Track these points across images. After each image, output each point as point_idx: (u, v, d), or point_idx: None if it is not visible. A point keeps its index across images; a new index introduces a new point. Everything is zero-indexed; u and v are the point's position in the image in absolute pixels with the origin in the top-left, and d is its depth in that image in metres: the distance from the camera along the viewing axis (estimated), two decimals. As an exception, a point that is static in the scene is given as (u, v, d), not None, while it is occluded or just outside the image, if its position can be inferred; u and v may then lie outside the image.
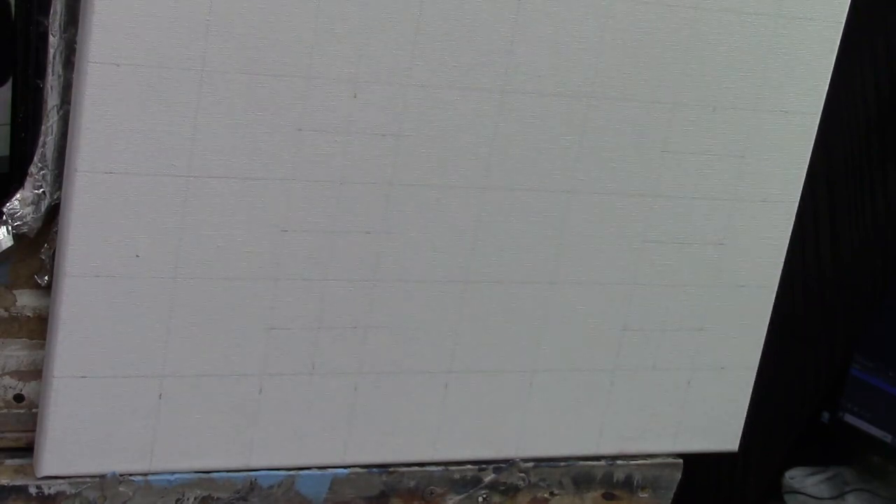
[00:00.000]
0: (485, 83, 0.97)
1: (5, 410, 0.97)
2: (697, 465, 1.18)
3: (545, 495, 1.13)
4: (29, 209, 0.91)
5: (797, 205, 1.12)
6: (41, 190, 0.91)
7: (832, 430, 1.44)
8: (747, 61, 1.05)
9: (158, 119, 0.89)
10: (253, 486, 1.01)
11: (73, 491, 0.96)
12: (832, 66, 1.08)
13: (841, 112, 1.36)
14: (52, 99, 0.89)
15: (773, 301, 1.14)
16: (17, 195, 0.90)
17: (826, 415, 1.45)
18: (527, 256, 1.03)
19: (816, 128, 1.09)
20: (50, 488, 0.95)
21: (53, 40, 0.88)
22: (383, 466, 1.06)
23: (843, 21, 1.07)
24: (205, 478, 1.00)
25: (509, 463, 1.10)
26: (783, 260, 1.13)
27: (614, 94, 1.01)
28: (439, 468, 1.08)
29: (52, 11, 0.87)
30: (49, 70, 0.88)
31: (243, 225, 0.94)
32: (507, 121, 0.99)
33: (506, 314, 1.04)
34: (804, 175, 1.11)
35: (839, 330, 1.44)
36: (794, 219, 1.12)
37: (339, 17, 0.91)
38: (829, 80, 1.08)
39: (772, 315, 1.15)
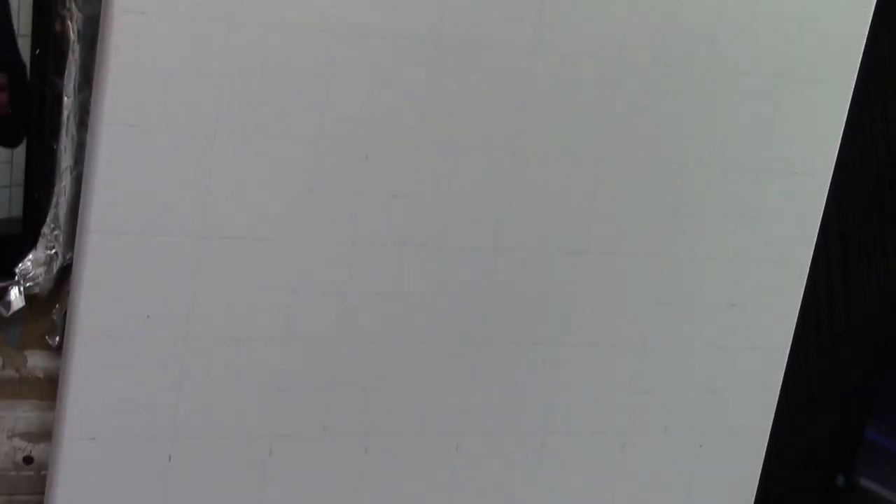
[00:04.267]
0: (496, 144, 0.97)
1: (14, 472, 0.96)
2: (711, 529, 1.17)
3: (557, 559, 1.11)
4: (41, 269, 0.91)
5: (809, 265, 1.11)
6: (53, 250, 0.91)
7: (848, 494, 1.43)
8: (757, 123, 1.05)
9: (171, 180, 0.89)
10: (262, 548, 1.00)
11: (82, 553, 0.95)
12: (842, 127, 1.08)
13: (853, 166, 1.35)
14: (65, 160, 0.90)
15: (785, 362, 1.13)
16: (30, 256, 0.91)
17: (841, 478, 1.43)
18: (537, 317, 1.03)
19: (827, 189, 1.09)
20: (58, 550, 0.95)
21: (68, 101, 0.89)
22: (393, 529, 1.05)
23: (853, 84, 1.07)
24: (214, 540, 0.99)
25: (521, 526, 1.09)
26: (796, 321, 1.13)
27: (624, 154, 1.01)
28: (450, 531, 1.07)
29: (66, 72, 0.88)
30: (63, 131, 0.89)
31: (254, 286, 0.94)
32: (518, 182, 0.99)
33: (516, 375, 1.04)
34: (815, 235, 1.11)
35: (854, 390, 1.43)
36: (806, 279, 1.12)
37: (351, 78, 0.92)
38: (839, 142, 1.08)
39: (784, 375, 1.14)
